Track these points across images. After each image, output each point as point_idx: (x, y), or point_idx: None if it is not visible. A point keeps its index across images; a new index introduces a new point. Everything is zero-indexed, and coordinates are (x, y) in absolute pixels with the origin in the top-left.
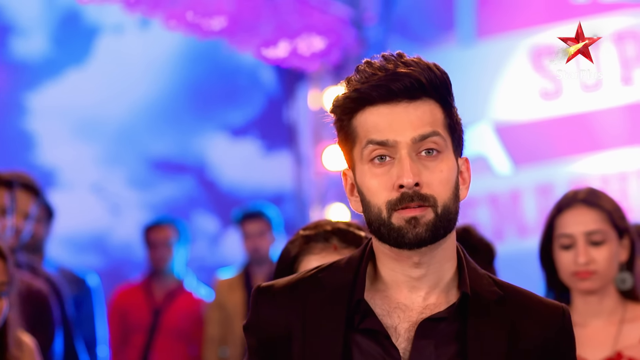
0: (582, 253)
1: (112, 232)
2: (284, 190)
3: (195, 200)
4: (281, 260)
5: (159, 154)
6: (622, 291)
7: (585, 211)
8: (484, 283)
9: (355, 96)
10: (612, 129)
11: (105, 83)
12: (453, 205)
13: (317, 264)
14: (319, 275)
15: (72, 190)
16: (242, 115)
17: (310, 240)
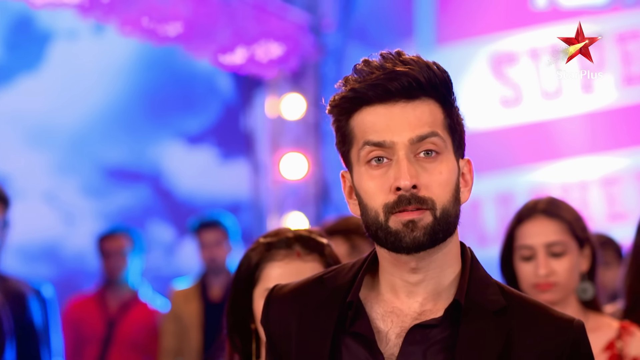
0: (542, 265)
1: (65, 241)
2: (241, 199)
3: (151, 209)
4: (241, 268)
5: (113, 162)
6: (584, 301)
7: (545, 222)
8: (488, 292)
9: (352, 96)
10: (572, 137)
11: (58, 89)
12: (453, 208)
13: (279, 271)
14: (324, 276)
15: (24, 199)
16: (198, 123)
17: (272, 247)
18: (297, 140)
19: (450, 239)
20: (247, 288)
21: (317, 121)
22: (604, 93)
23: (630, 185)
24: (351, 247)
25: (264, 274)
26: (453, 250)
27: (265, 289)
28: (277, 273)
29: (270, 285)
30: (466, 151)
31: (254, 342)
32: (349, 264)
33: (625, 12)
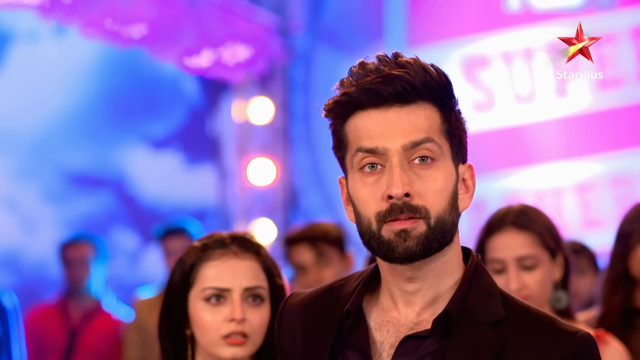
0: (513, 279)
1: (26, 249)
2: (207, 205)
3: (114, 215)
4: (174, 273)
5: (75, 167)
6: (557, 310)
7: (515, 235)
8: (488, 302)
9: (345, 100)
10: (546, 142)
11: (18, 92)
12: (449, 217)
13: (216, 270)
14: (333, 285)
15: None
16: (163, 127)
17: (208, 248)
18: (265, 146)
19: (448, 248)
20: (182, 292)
21: (285, 126)
22: (579, 97)
23: (605, 192)
24: (317, 254)
25: (200, 275)
26: (453, 258)
27: (201, 290)
28: (213, 273)
29: (206, 286)
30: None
31: (190, 348)
32: (358, 272)
33: (600, 14)
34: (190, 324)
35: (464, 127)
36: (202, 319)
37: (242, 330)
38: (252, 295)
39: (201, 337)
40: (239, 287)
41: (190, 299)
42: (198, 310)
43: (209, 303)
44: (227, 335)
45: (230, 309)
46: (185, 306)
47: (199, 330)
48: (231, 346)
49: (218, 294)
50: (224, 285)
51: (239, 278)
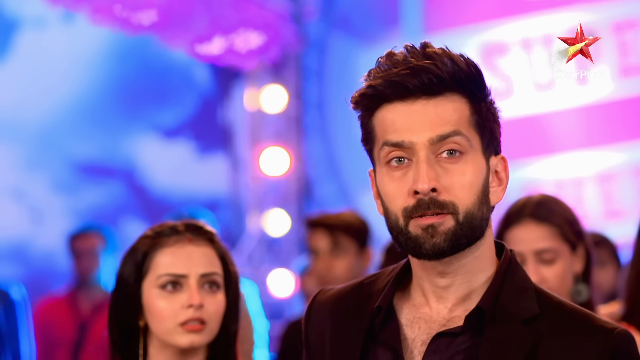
0: (531, 273)
1: (34, 240)
2: (219, 196)
3: (124, 206)
4: (125, 263)
5: (84, 156)
6: (578, 303)
7: (533, 228)
8: (522, 298)
9: (370, 93)
10: (566, 131)
11: (25, 81)
12: (478, 211)
13: (170, 257)
14: (364, 282)
15: None
16: (174, 116)
17: (161, 235)
18: (278, 135)
19: (480, 242)
20: (135, 281)
21: (299, 114)
22: (600, 85)
23: (627, 182)
24: (333, 242)
25: (154, 263)
26: (485, 253)
27: (156, 278)
28: (168, 259)
29: (161, 273)
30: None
31: (142, 340)
32: (390, 268)
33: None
34: (143, 314)
35: (496, 118)
36: (158, 307)
37: (200, 316)
38: (208, 282)
39: (156, 326)
40: (195, 274)
41: (144, 288)
42: (153, 299)
43: (164, 290)
44: (185, 322)
45: (188, 295)
46: (139, 296)
47: (154, 319)
48: (189, 333)
49: (174, 280)
50: (180, 271)
51: (195, 264)
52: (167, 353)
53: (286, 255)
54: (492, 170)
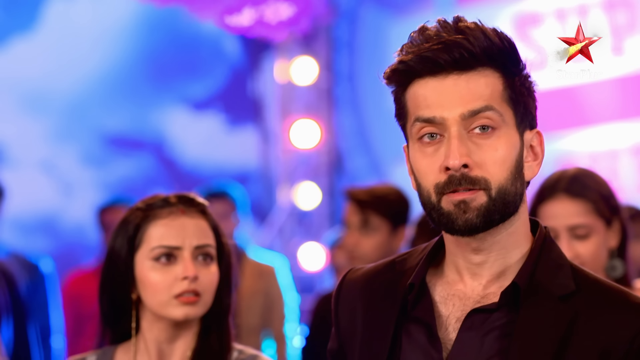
0: (565, 249)
1: (64, 213)
2: (250, 169)
3: (154, 179)
4: (117, 236)
5: (113, 129)
6: (613, 279)
7: (567, 203)
8: (558, 275)
9: (402, 69)
10: (601, 103)
11: (54, 53)
12: (512, 187)
13: (164, 229)
14: (396, 260)
15: (19, 168)
16: (203, 88)
17: (153, 207)
18: (309, 107)
19: (514, 218)
20: (128, 254)
21: (329, 86)
22: (635, 56)
23: None
24: (363, 220)
25: (147, 235)
26: (520, 229)
27: (150, 250)
28: (162, 231)
29: (154, 245)
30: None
31: (135, 314)
32: (422, 246)
33: None
34: (136, 287)
35: (531, 92)
36: (152, 279)
37: (195, 288)
38: (202, 254)
39: (150, 299)
40: (189, 245)
41: (137, 261)
42: (146, 271)
43: (158, 262)
44: (179, 295)
45: (182, 267)
46: (131, 269)
47: (148, 292)
48: (183, 305)
49: (168, 252)
50: (174, 243)
51: (189, 236)
52: (160, 326)
53: (317, 229)
54: (526, 145)
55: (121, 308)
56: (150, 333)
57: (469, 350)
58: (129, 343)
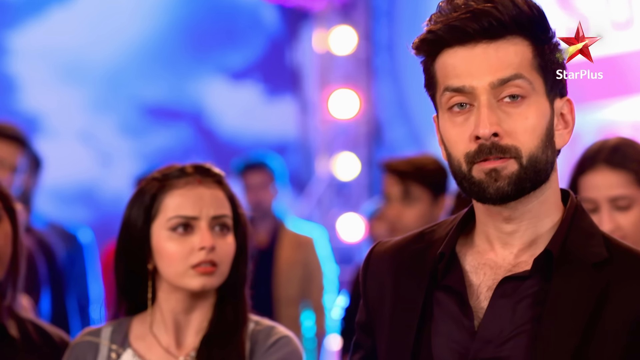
0: (606, 220)
1: (102, 183)
2: (288, 139)
3: (192, 149)
4: (133, 206)
5: (152, 99)
6: None
7: (608, 174)
8: (590, 243)
9: (431, 38)
10: None
11: (92, 22)
12: (542, 155)
13: (180, 199)
14: (425, 231)
15: (58, 138)
16: (242, 58)
17: (170, 178)
18: (347, 77)
19: (545, 187)
20: (144, 224)
21: (368, 56)
22: None
23: None
24: (404, 191)
25: (164, 205)
26: (551, 198)
27: (167, 220)
28: (178, 201)
29: (171, 215)
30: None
31: (151, 284)
32: (451, 217)
33: None
34: (152, 257)
35: (561, 59)
36: (168, 249)
37: (212, 259)
38: (219, 224)
39: (167, 269)
40: (207, 215)
41: (153, 231)
42: (163, 242)
43: (175, 233)
44: (197, 265)
45: (199, 237)
46: (148, 239)
47: (165, 262)
48: (201, 276)
49: (185, 222)
50: (191, 213)
51: (206, 206)
52: (176, 296)
53: (356, 200)
54: (557, 113)
55: (137, 279)
56: (167, 304)
57: (501, 318)
58: (145, 314)
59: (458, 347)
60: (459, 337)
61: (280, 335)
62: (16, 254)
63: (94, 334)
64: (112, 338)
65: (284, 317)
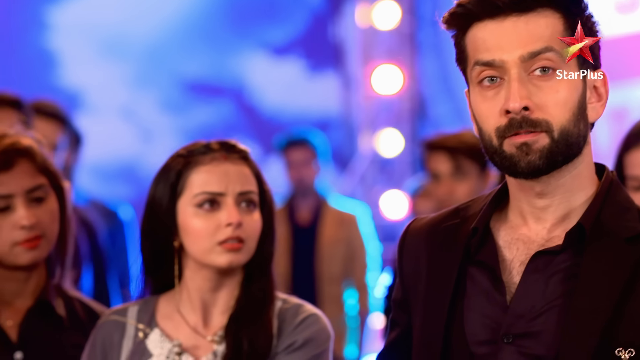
0: None
1: (143, 160)
2: (331, 115)
3: (234, 125)
4: (158, 183)
5: (193, 75)
6: None
7: None
8: (625, 217)
9: (460, 12)
10: None
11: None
12: (574, 128)
13: (206, 175)
14: (460, 207)
15: (98, 114)
16: (284, 33)
17: (195, 153)
18: (391, 52)
19: (578, 160)
20: (170, 201)
21: (412, 31)
22: None
23: None
24: (455, 166)
25: (190, 181)
26: (584, 172)
27: (193, 196)
28: (204, 177)
29: (198, 191)
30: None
31: (177, 262)
32: (486, 193)
33: None
34: (178, 234)
35: (593, 32)
36: (195, 226)
37: (239, 235)
38: (245, 200)
39: (193, 246)
40: (233, 192)
41: (180, 208)
42: (189, 218)
43: (201, 209)
44: (224, 241)
45: (226, 213)
46: (173, 216)
47: (191, 239)
48: (228, 252)
49: (211, 199)
50: (217, 189)
51: (232, 182)
52: (203, 274)
53: (399, 176)
54: (589, 86)
55: (163, 257)
56: (193, 282)
57: (533, 293)
58: (171, 293)
59: (490, 322)
60: (491, 312)
61: (308, 314)
62: (64, 233)
63: (120, 313)
64: (138, 317)
65: (326, 295)
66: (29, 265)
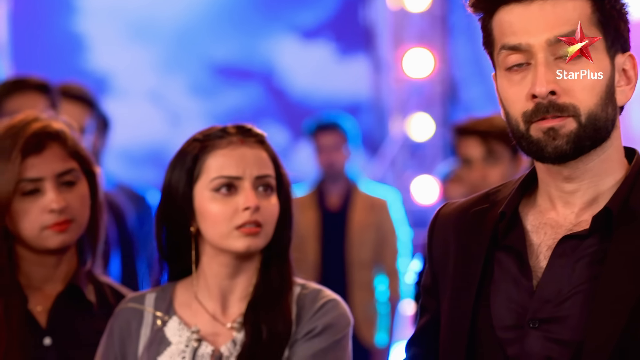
0: None
1: (171, 144)
2: (361, 99)
3: (263, 109)
4: (174, 167)
5: (221, 58)
6: None
7: None
8: None
9: None
10: None
11: None
12: (602, 112)
13: (223, 159)
14: (490, 192)
15: (127, 98)
16: (313, 16)
17: (211, 137)
18: (422, 35)
19: (607, 145)
20: (186, 186)
21: (444, 13)
22: None
23: None
24: (487, 150)
25: (207, 166)
26: (613, 156)
27: (210, 181)
28: (221, 162)
29: (214, 176)
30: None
31: (194, 247)
32: (516, 178)
33: None
34: (195, 219)
35: (622, 14)
36: (212, 210)
37: (257, 219)
38: (262, 184)
39: (211, 231)
40: (250, 175)
41: (196, 192)
42: (206, 203)
43: (218, 193)
44: (241, 225)
45: (244, 197)
46: (190, 201)
47: (208, 223)
48: (245, 237)
49: (229, 183)
50: (235, 173)
51: (250, 166)
52: (220, 259)
53: (430, 161)
54: (618, 69)
55: (180, 243)
56: (210, 269)
57: (559, 278)
58: (188, 280)
59: (516, 307)
60: (517, 296)
61: (327, 299)
62: (96, 219)
63: (137, 300)
64: (156, 305)
65: (357, 281)
66: (58, 248)
